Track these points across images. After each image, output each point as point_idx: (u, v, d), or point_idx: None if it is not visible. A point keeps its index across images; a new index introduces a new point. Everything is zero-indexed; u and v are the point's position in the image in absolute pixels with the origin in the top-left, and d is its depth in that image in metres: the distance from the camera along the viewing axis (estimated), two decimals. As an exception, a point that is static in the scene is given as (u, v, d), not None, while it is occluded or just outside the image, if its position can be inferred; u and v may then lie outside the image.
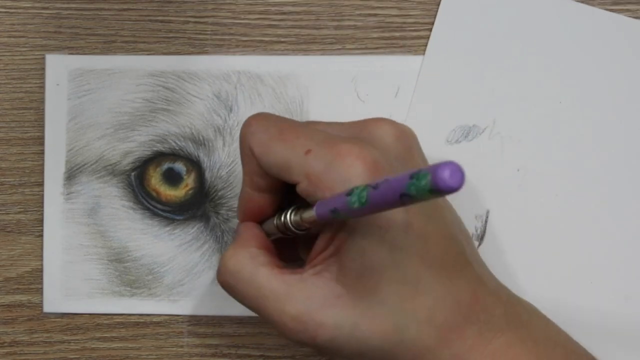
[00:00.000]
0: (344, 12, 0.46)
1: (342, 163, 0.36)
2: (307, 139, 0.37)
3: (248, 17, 0.46)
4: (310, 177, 0.36)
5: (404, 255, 0.36)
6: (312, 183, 0.36)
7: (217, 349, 0.46)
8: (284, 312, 0.37)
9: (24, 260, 0.46)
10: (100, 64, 0.46)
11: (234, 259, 0.39)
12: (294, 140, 0.37)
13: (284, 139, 0.38)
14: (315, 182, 0.36)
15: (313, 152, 0.37)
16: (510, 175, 0.44)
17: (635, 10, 0.46)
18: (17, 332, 0.46)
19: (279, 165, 0.37)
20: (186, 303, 0.46)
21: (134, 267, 0.46)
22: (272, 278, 0.38)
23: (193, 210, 0.46)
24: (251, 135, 0.39)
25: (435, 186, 0.28)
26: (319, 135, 0.37)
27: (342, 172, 0.36)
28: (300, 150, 0.37)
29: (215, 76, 0.46)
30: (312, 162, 0.36)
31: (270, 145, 0.38)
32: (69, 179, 0.46)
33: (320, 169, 0.36)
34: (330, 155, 0.36)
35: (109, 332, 0.46)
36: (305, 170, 0.36)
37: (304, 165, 0.37)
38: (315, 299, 0.37)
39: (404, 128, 0.39)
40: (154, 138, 0.46)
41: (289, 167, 0.37)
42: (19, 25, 0.47)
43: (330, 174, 0.36)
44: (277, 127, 0.38)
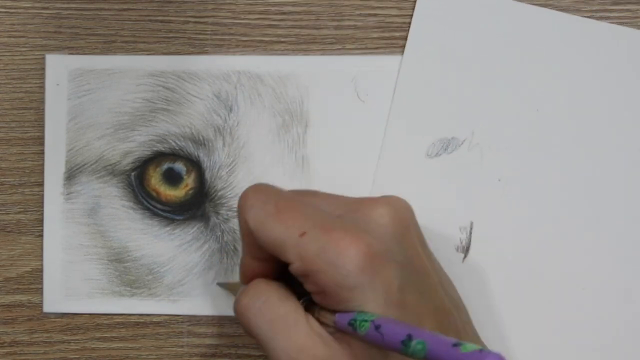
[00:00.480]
0: (344, 12, 0.46)
1: (335, 248, 0.36)
2: (303, 220, 0.38)
3: (248, 17, 0.46)
4: (303, 259, 0.37)
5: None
6: (305, 265, 0.37)
7: (217, 349, 0.46)
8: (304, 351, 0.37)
9: (24, 260, 0.46)
10: (100, 64, 0.46)
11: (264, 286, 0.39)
12: (289, 221, 0.38)
13: (280, 219, 0.38)
14: (308, 265, 0.37)
15: (308, 235, 0.37)
16: (492, 185, 0.44)
17: (635, 10, 0.46)
18: (17, 332, 0.46)
19: (273, 244, 0.38)
20: (186, 303, 0.46)
21: (134, 267, 0.46)
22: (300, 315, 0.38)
23: (193, 210, 0.46)
24: (248, 209, 0.39)
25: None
26: (314, 216, 0.38)
27: (335, 256, 0.36)
28: (295, 232, 0.37)
29: (215, 76, 0.46)
30: (307, 245, 0.37)
31: (265, 224, 0.38)
32: (69, 179, 0.46)
33: (313, 252, 0.37)
34: (324, 240, 0.37)
35: (109, 332, 0.46)
36: (299, 252, 0.37)
37: (298, 247, 0.37)
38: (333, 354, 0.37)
39: (399, 207, 0.39)
40: (154, 138, 0.46)
41: (284, 247, 0.38)
42: (19, 25, 0.47)
43: (324, 257, 0.36)
44: (273, 204, 0.39)
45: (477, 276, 0.41)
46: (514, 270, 0.45)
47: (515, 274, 0.45)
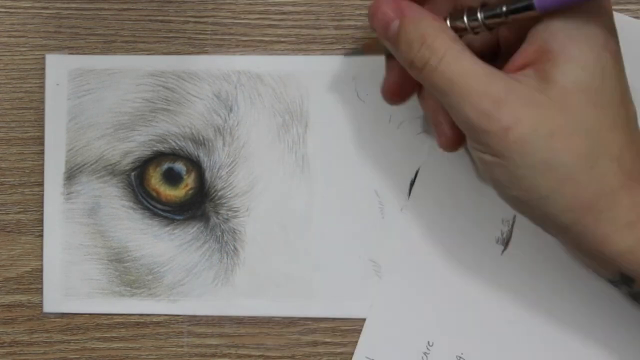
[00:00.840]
0: (344, 12, 0.46)
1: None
2: None
3: (248, 17, 0.46)
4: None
5: (613, 83, 0.35)
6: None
7: (217, 349, 0.46)
8: (487, 92, 0.35)
9: (24, 260, 0.46)
10: (100, 64, 0.46)
11: (444, 39, 0.37)
12: None
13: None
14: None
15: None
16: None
17: (636, 10, 0.46)
18: (17, 332, 0.46)
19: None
20: (186, 303, 0.46)
21: (134, 267, 0.46)
22: (479, 66, 0.36)
23: (193, 210, 0.46)
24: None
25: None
26: None
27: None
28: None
29: (215, 76, 0.46)
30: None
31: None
32: (69, 179, 0.46)
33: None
34: None
35: (109, 332, 0.46)
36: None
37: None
38: (518, 95, 0.35)
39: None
40: (154, 138, 0.46)
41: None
42: (19, 25, 0.47)
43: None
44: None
45: (513, 269, 0.40)
46: (553, 265, 0.44)
47: (554, 269, 0.44)
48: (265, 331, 0.46)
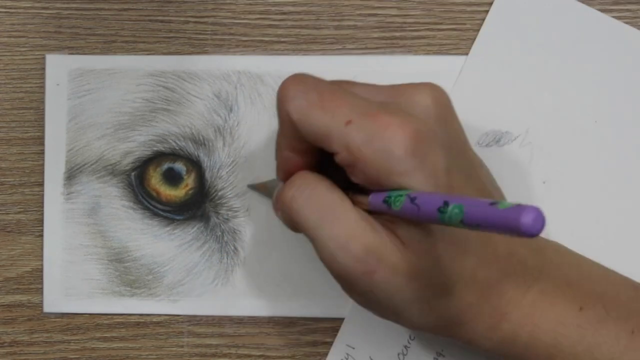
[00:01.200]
0: (344, 12, 0.46)
1: (383, 134, 0.35)
2: (347, 107, 0.37)
3: (248, 17, 0.46)
4: (350, 148, 0.36)
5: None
6: (352, 154, 0.36)
7: (217, 349, 0.46)
8: (354, 238, 0.36)
9: (24, 260, 0.46)
10: (100, 64, 0.46)
11: (311, 177, 0.38)
12: (334, 109, 0.37)
13: (324, 107, 0.37)
14: (355, 154, 0.36)
15: (354, 123, 0.36)
16: (536, 186, 0.44)
17: (636, 10, 0.46)
18: (17, 332, 0.46)
19: (318, 133, 0.37)
20: (186, 303, 0.46)
21: (134, 267, 0.46)
22: (348, 204, 0.37)
23: (193, 210, 0.46)
24: (290, 100, 0.38)
25: (516, 228, 0.28)
26: (358, 103, 0.37)
27: (385, 143, 0.35)
28: (340, 120, 0.36)
29: (215, 76, 0.46)
30: (353, 134, 0.36)
31: (309, 114, 0.37)
32: (69, 179, 0.46)
33: (361, 141, 0.36)
34: (371, 126, 0.36)
35: (109, 332, 0.46)
36: (345, 142, 0.36)
37: (344, 136, 0.36)
38: (382, 240, 0.36)
39: (439, 91, 0.39)
40: (154, 138, 0.46)
41: (329, 137, 0.37)
42: (19, 25, 0.47)
43: (372, 145, 0.36)
44: (316, 92, 0.37)
45: None
46: None
47: None
48: (265, 331, 0.46)
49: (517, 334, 0.38)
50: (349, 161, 0.36)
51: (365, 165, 0.36)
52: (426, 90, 0.38)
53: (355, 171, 0.36)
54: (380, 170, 0.36)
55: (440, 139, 0.37)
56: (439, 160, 0.36)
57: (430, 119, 0.37)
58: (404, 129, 0.35)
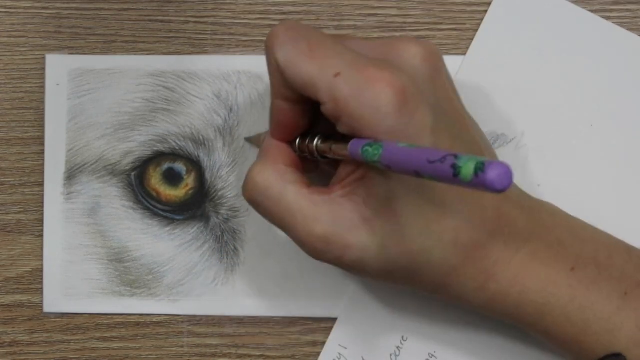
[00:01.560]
0: (344, 12, 0.46)
1: (372, 89, 0.35)
2: (336, 59, 0.36)
3: (248, 17, 0.46)
4: (337, 100, 0.36)
5: None
6: (339, 107, 0.36)
7: (217, 349, 0.46)
8: (312, 233, 0.37)
9: (24, 260, 0.46)
10: (100, 64, 0.46)
11: (262, 175, 0.39)
12: (322, 59, 0.37)
13: (313, 57, 0.37)
14: (342, 107, 0.36)
15: (342, 75, 0.36)
16: (530, 189, 0.44)
17: (636, 10, 0.46)
18: (17, 332, 0.46)
19: (305, 83, 0.37)
20: (186, 303, 0.46)
21: (134, 267, 0.46)
22: (301, 197, 0.38)
23: (193, 210, 0.46)
24: (279, 47, 0.37)
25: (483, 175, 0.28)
26: (348, 56, 0.37)
27: (372, 98, 0.35)
28: (329, 71, 0.36)
29: (215, 76, 0.46)
30: (341, 86, 0.36)
31: (297, 62, 0.37)
32: (69, 179, 0.46)
33: (348, 94, 0.36)
34: (359, 80, 0.36)
35: (109, 332, 0.46)
36: (332, 93, 0.36)
37: (331, 87, 0.36)
38: (343, 221, 0.37)
39: (431, 48, 0.38)
40: (154, 138, 0.46)
41: (316, 86, 0.36)
42: (19, 25, 0.47)
43: (359, 99, 0.35)
44: (305, 42, 0.37)
45: None
46: None
47: None
48: (265, 331, 0.46)
49: (507, 293, 0.38)
50: (335, 113, 0.36)
51: (352, 118, 0.36)
52: (417, 46, 0.38)
53: (341, 123, 0.36)
54: (366, 125, 0.35)
55: (428, 96, 0.37)
56: (426, 120, 0.36)
57: (420, 76, 0.37)
58: (393, 84, 0.35)
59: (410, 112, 0.35)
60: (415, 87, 0.36)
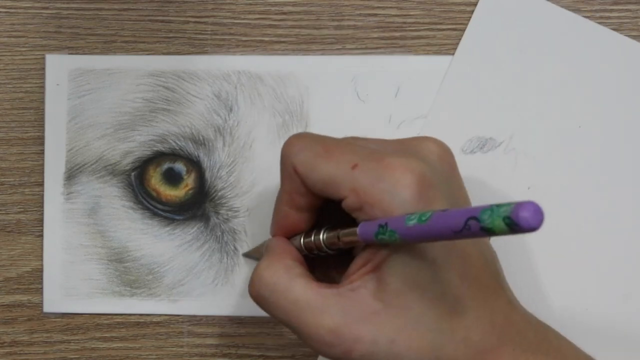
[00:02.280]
0: (344, 12, 0.46)
1: (391, 175, 0.36)
2: (352, 154, 0.37)
3: (248, 17, 0.46)
4: (357, 191, 0.36)
5: (445, 272, 0.36)
6: (359, 197, 0.36)
7: (217, 349, 0.46)
8: (321, 325, 0.36)
9: (24, 260, 0.46)
10: (100, 64, 0.46)
11: (269, 270, 0.38)
12: (339, 156, 0.37)
13: (330, 156, 0.37)
14: (362, 196, 0.36)
15: (360, 167, 0.36)
16: (520, 192, 0.44)
17: (636, 10, 0.46)
18: (17, 332, 0.46)
19: (325, 181, 0.37)
20: (186, 303, 0.46)
21: (134, 267, 0.46)
22: (309, 290, 0.37)
23: (193, 210, 0.46)
24: (295, 154, 0.38)
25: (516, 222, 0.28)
26: (364, 150, 0.37)
27: (391, 184, 0.35)
28: (346, 166, 0.37)
29: (215, 76, 0.46)
30: (360, 176, 0.36)
31: (315, 163, 0.37)
32: (69, 179, 0.46)
33: (368, 183, 0.36)
34: (378, 169, 0.36)
35: (109, 332, 0.46)
36: (352, 185, 0.36)
37: (351, 179, 0.36)
38: (352, 313, 0.36)
39: (446, 147, 0.39)
40: (154, 138, 0.46)
41: (336, 182, 0.37)
42: (19, 25, 0.47)
43: (379, 186, 0.36)
44: (321, 145, 0.38)
45: None
46: (535, 274, 0.45)
47: (536, 278, 0.45)
48: (265, 331, 0.46)
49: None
50: (356, 205, 0.36)
51: (372, 207, 0.36)
52: (434, 144, 0.39)
53: (362, 215, 0.36)
54: (386, 212, 0.35)
55: (444, 190, 0.37)
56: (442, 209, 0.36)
57: (437, 169, 0.37)
58: (412, 170, 0.36)
59: (429, 200, 0.35)
60: (434, 175, 0.36)
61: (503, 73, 0.46)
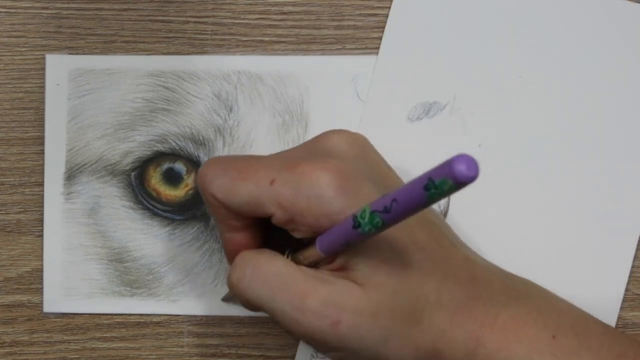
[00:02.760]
0: (344, 12, 0.46)
1: (308, 180, 0.36)
2: (267, 169, 0.38)
3: (248, 17, 0.46)
4: (282, 204, 0.37)
5: (402, 247, 0.37)
6: (286, 210, 0.37)
7: (217, 349, 0.46)
8: (308, 297, 0.37)
9: (24, 260, 0.46)
10: (100, 64, 0.46)
11: (250, 252, 0.39)
12: (254, 174, 0.38)
13: (245, 177, 0.38)
14: (290, 208, 0.37)
15: (277, 180, 0.37)
16: (472, 151, 0.44)
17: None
18: (17, 332, 0.46)
19: (248, 203, 0.38)
20: (186, 303, 0.46)
21: (134, 267, 0.46)
22: (292, 266, 0.38)
23: (193, 210, 0.46)
24: (210, 183, 0.39)
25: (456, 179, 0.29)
26: (277, 162, 0.38)
27: (312, 188, 0.36)
28: (265, 183, 0.37)
29: (215, 76, 0.46)
30: (280, 190, 0.37)
31: (233, 188, 0.38)
32: (69, 179, 0.46)
33: (290, 194, 0.37)
34: (294, 178, 0.37)
35: (109, 332, 0.46)
36: (275, 200, 0.37)
37: (273, 195, 0.37)
38: (335, 289, 0.37)
39: (351, 133, 0.40)
40: (154, 138, 0.46)
41: (259, 201, 0.37)
42: (19, 25, 0.47)
43: (302, 194, 0.36)
44: (233, 168, 0.38)
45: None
46: (492, 236, 0.45)
47: (494, 239, 0.45)
48: (265, 331, 0.46)
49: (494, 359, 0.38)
50: (285, 218, 0.37)
51: (302, 216, 0.36)
52: (338, 134, 0.40)
53: (295, 226, 0.37)
54: (317, 216, 0.36)
55: (364, 173, 0.37)
56: (370, 192, 0.37)
57: (350, 158, 0.38)
58: (327, 169, 0.36)
59: (353, 190, 0.36)
60: (349, 166, 0.37)
61: (436, 35, 0.45)
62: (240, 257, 0.39)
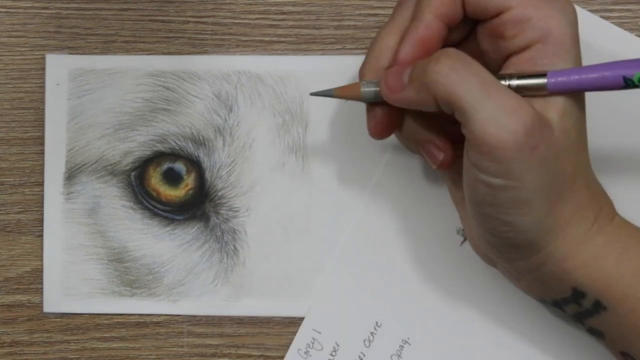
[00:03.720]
0: (344, 12, 0.46)
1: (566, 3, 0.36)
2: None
3: (248, 17, 0.46)
4: (525, 3, 0.36)
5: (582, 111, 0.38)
6: (526, 10, 0.36)
7: (217, 349, 0.46)
8: (522, 109, 0.35)
9: (24, 260, 0.46)
10: (100, 64, 0.46)
11: (456, 52, 0.36)
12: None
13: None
14: (530, 10, 0.36)
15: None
16: None
17: (636, 10, 0.46)
18: (17, 332, 0.46)
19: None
20: (186, 303, 0.46)
21: (134, 267, 0.46)
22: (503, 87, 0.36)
23: (193, 210, 0.46)
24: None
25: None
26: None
27: (560, 4, 0.36)
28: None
29: (215, 76, 0.46)
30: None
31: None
32: (69, 179, 0.46)
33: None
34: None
35: (109, 332, 0.46)
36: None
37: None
38: (542, 118, 0.35)
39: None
40: (154, 138, 0.46)
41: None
42: (19, 25, 0.47)
43: (549, 3, 0.36)
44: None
45: (470, 260, 0.42)
46: None
47: None
48: (265, 331, 0.46)
49: (609, 249, 0.37)
50: (521, 17, 0.36)
51: (538, 23, 0.36)
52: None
53: (526, 31, 0.36)
54: (553, 31, 0.36)
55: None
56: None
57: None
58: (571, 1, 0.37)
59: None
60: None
61: None
62: (445, 52, 0.36)
